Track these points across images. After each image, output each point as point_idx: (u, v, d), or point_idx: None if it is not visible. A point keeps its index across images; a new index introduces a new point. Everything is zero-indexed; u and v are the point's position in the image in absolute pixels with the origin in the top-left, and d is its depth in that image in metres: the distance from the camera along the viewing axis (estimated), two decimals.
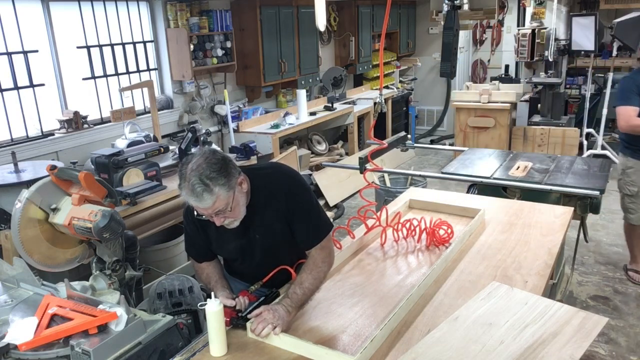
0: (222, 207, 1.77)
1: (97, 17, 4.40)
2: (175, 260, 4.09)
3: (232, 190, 1.77)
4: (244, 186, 1.85)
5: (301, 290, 1.88)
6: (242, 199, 1.85)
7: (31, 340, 1.81)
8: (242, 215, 1.87)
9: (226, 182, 1.74)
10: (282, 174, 2.02)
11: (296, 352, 1.71)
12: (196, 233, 2.03)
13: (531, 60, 7.19)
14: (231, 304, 1.90)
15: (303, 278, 1.91)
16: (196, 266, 2.13)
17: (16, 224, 2.26)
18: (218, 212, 1.78)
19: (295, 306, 1.87)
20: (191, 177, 1.71)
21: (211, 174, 1.72)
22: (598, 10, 7.63)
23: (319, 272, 1.93)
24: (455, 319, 1.85)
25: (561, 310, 1.87)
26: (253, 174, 1.95)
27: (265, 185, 1.94)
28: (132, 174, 3.55)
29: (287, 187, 1.95)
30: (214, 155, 1.77)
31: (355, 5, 7.16)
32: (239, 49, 5.42)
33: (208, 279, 2.08)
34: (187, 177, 1.72)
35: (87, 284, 2.31)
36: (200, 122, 5.17)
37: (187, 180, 1.72)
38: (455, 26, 3.51)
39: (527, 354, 1.64)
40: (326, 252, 1.97)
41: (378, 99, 3.14)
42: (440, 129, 9.13)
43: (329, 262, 1.98)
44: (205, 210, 1.77)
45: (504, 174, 3.75)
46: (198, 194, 1.70)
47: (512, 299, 1.97)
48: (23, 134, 3.97)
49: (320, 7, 4.25)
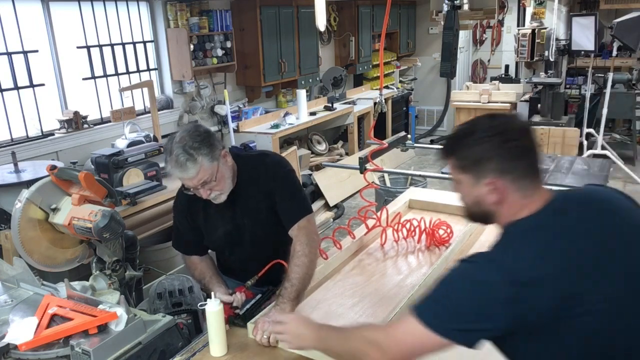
0: (207, 178, 1.81)
1: (97, 17, 4.40)
2: (175, 260, 4.08)
3: (215, 161, 1.82)
4: (228, 159, 1.90)
5: (289, 283, 1.86)
6: (227, 172, 1.89)
7: (31, 340, 1.81)
8: (228, 188, 1.90)
9: (209, 152, 1.79)
10: (268, 156, 2.08)
11: (296, 352, 1.71)
12: (185, 224, 2.07)
13: (531, 60, 7.20)
14: (228, 300, 1.91)
15: (289, 271, 1.89)
16: (188, 262, 2.14)
17: (16, 224, 2.25)
18: (203, 183, 1.81)
19: (289, 300, 1.84)
20: (175, 148, 1.77)
21: (194, 144, 1.77)
22: (598, 10, 7.64)
23: (300, 259, 1.88)
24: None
25: None
26: (239, 157, 2.00)
27: (252, 167, 1.99)
28: (132, 174, 3.55)
29: (272, 170, 2.00)
30: (197, 129, 1.85)
31: (355, 5, 7.16)
32: (239, 49, 5.42)
33: (202, 274, 2.08)
34: (171, 150, 1.78)
35: (87, 284, 2.31)
36: (200, 122, 5.17)
37: (171, 152, 1.78)
38: (455, 26, 3.50)
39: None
40: (306, 234, 1.93)
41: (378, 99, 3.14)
42: (440, 129, 9.13)
43: (311, 246, 1.92)
44: (190, 181, 1.81)
45: None
46: (182, 164, 1.76)
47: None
48: (23, 134, 3.97)
49: (320, 7, 4.25)
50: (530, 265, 1.13)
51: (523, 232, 1.20)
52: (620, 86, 6.94)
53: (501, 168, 1.21)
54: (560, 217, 1.20)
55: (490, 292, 1.13)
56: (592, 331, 1.14)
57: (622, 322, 1.15)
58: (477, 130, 1.24)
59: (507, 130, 1.23)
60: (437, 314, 1.17)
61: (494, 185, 1.22)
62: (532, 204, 1.22)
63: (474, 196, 1.27)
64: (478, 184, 1.24)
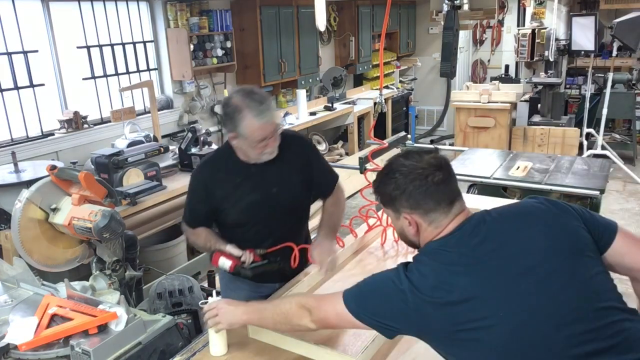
0: (275, 128, 1.91)
1: (97, 17, 4.40)
2: (175, 260, 4.09)
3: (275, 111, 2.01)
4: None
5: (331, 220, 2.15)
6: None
7: (31, 340, 1.81)
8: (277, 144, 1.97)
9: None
10: (289, 130, 2.23)
11: (296, 352, 1.71)
12: (202, 198, 2.06)
13: (531, 60, 7.20)
14: (238, 254, 1.98)
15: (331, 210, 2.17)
16: (191, 233, 2.14)
17: (16, 224, 2.25)
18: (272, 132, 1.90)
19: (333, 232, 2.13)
20: (249, 103, 1.84)
21: (263, 97, 1.89)
22: (598, 10, 7.64)
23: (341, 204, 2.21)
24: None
25: None
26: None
27: (283, 140, 2.01)
28: (132, 174, 3.55)
29: (304, 141, 2.20)
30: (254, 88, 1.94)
31: (355, 5, 7.16)
32: (239, 49, 5.42)
33: (208, 239, 2.08)
34: (245, 105, 1.84)
35: (87, 284, 2.31)
36: (200, 122, 5.17)
37: (246, 106, 1.84)
38: (455, 26, 3.51)
39: None
40: (339, 194, 2.23)
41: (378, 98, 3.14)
42: (440, 129, 9.13)
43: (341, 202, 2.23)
44: (269, 128, 1.87)
45: (504, 174, 3.76)
46: (263, 112, 1.85)
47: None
48: (23, 134, 3.97)
49: (320, 7, 4.25)
50: (431, 286, 1.26)
51: (430, 252, 1.34)
52: (620, 86, 6.94)
53: (411, 205, 1.36)
54: (466, 239, 1.31)
55: (400, 301, 1.28)
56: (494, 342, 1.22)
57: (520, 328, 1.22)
58: (391, 170, 1.39)
59: (416, 169, 1.35)
60: (359, 304, 1.37)
61: (409, 219, 1.38)
62: (443, 232, 1.35)
63: (399, 227, 1.44)
64: (399, 218, 1.41)
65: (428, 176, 1.34)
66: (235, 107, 1.86)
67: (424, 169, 1.35)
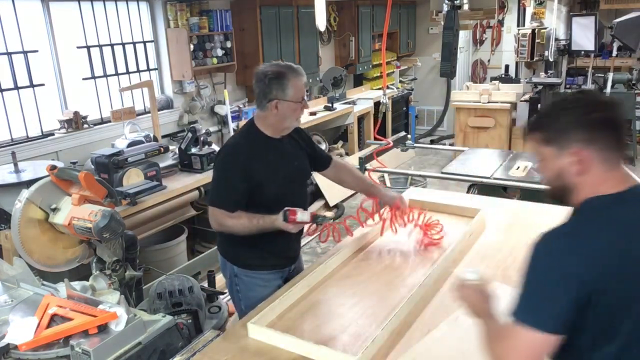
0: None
1: (97, 17, 4.40)
2: (175, 260, 4.09)
3: None
4: None
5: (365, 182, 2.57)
6: None
7: (31, 340, 1.81)
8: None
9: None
10: None
11: (296, 352, 1.71)
12: (242, 177, 2.14)
13: (531, 60, 7.19)
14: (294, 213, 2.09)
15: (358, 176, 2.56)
16: (229, 218, 2.13)
17: (16, 224, 2.26)
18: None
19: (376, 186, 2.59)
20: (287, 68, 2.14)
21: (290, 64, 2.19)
22: (598, 10, 7.64)
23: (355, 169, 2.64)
24: (455, 319, 1.85)
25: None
26: None
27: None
28: (132, 174, 3.55)
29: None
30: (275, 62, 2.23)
31: (355, 5, 7.16)
32: (239, 49, 5.42)
33: (250, 218, 2.12)
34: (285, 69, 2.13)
35: (87, 284, 2.31)
36: (200, 122, 5.17)
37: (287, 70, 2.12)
38: (455, 26, 3.51)
39: None
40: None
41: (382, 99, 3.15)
42: (440, 129, 9.13)
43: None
44: (304, 87, 2.17)
45: (504, 174, 3.76)
46: (301, 72, 2.15)
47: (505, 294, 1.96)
48: (23, 134, 3.97)
49: (320, 7, 4.26)
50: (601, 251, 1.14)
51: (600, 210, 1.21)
52: (620, 86, 6.94)
53: (586, 138, 1.21)
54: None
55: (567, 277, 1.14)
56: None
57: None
58: (563, 103, 1.28)
59: (593, 103, 1.25)
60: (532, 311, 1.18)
61: (578, 156, 1.22)
62: (613, 180, 1.22)
63: (557, 169, 1.27)
64: (562, 155, 1.24)
65: (606, 111, 1.23)
66: (277, 73, 2.10)
67: (602, 105, 1.25)
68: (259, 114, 2.24)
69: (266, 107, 2.15)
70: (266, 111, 2.17)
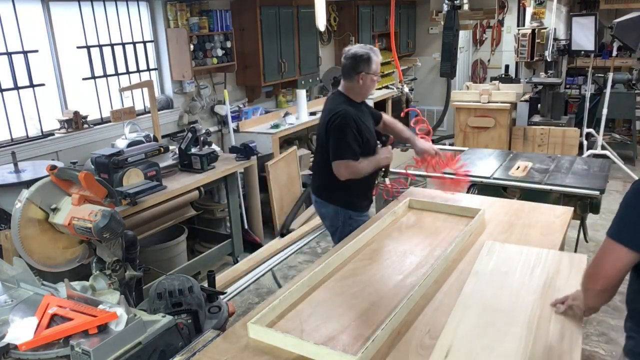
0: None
1: (97, 17, 4.40)
2: (175, 260, 4.09)
3: None
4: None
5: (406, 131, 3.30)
6: None
7: (31, 340, 1.81)
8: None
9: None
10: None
11: (296, 352, 1.71)
12: (358, 131, 2.78)
13: (531, 60, 7.20)
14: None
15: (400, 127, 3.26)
16: (358, 166, 2.79)
17: (16, 224, 2.26)
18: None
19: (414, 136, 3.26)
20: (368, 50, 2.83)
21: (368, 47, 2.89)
22: (598, 10, 7.63)
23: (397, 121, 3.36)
24: (476, 272, 2.17)
25: (551, 254, 2.31)
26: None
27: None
28: (132, 174, 3.54)
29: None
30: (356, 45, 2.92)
31: (355, 5, 7.16)
32: (239, 49, 5.42)
33: (370, 159, 2.86)
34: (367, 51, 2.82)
35: (87, 284, 2.31)
36: (200, 122, 5.17)
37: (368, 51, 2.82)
38: (455, 26, 3.52)
39: (547, 288, 2.05)
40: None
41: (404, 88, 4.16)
42: (440, 129, 9.11)
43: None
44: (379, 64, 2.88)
45: (504, 174, 3.76)
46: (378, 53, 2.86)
47: (508, 252, 2.36)
48: (23, 134, 3.97)
49: (320, 7, 4.26)
50: None
51: None
52: (620, 86, 6.94)
53: None
54: None
55: None
56: None
57: None
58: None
59: None
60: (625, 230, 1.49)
61: None
62: None
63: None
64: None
65: None
66: (363, 53, 2.81)
67: None
68: (347, 85, 2.89)
69: (354, 79, 2.83)
70: (353, 82, 2.84)
